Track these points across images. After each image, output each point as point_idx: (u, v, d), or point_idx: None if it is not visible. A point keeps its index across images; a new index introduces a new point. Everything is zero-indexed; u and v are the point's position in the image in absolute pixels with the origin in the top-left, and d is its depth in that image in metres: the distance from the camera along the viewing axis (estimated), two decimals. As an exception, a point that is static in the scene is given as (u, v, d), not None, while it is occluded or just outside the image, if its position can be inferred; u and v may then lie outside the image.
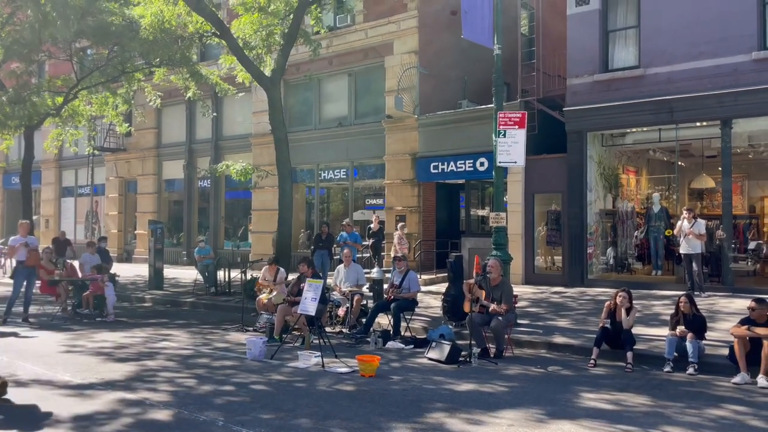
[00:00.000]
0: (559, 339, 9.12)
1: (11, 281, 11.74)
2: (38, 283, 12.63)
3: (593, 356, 7.96)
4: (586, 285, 14.04)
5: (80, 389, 6.58)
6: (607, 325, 8.12)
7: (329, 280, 11.48)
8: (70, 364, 7.83)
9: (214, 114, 21.18)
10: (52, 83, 18.89)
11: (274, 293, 10.90)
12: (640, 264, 15.40)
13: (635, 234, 15.13)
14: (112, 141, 25.18)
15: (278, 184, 14.68)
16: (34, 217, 24.13)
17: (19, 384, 6.70)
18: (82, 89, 18.36)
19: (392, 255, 14.41)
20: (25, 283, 11.55)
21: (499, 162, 10.44)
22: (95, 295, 12.26)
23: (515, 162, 10.48)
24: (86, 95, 18.95)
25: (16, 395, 6.24)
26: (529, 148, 10.96)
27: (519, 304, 10.36)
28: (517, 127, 10.25)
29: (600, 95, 14.00)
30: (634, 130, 14.56)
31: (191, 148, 23.17)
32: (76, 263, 13.94)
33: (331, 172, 19.73)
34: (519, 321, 10.00)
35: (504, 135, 10.28)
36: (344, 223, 16.18)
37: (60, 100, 18.53)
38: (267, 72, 14.86)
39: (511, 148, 10.26)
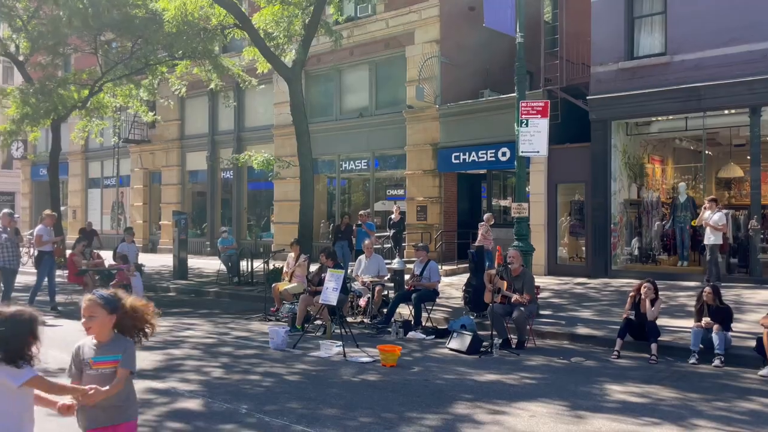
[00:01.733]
0: (582, 330, 9.06)
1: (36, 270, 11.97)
2: (66, 272, 12.88)
3: (617, 347, 7.88)
4: (609, 276, 13.89)
5: (108, 377, 6.71)
6: (631, 317, 8.03)
7: (350, 270, 11.53)
8: (98, 352, 7.99)
9: (234, 104, 21.29)
10: (78, 76, 19.19)
11: (294, 283, 11.00)
12: (666, 255, 15.19)
13: (663, 225, 14.90)
14: (136, 132, 25.51)
15: (300, 176, 14.75)
16: (62, 208, 24.56)
17: (49, 373, 6.85)
18: (106, 82, 18.62)
19: (475, 245, 13.80)
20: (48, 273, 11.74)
21: (522, 152, 10.35)
22: (121, 284, 12.46)
23: (538, 152, 10.38)
24: (111, 87, 19.22)
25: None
26: (551, 138, 10.84)
27: (541, 295, 10.29)
28: (539, 116, 10.13)
29: (625, 83, 13.77)
30: (660, 118, 14.30)
31: (214, 140, 23.38)
32: (103, 253, 14.17)
33: (351, 162, 19.76)
34: (541, 312, 9.94)
35: (526, 124, 10.17)
36: (360, 213, 16.29)
37: (86, 92, 18.82)
38: (288, 63, 14.90)
39: (534, 137, 10.15)
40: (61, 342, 8.60)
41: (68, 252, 14.35)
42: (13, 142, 21.94)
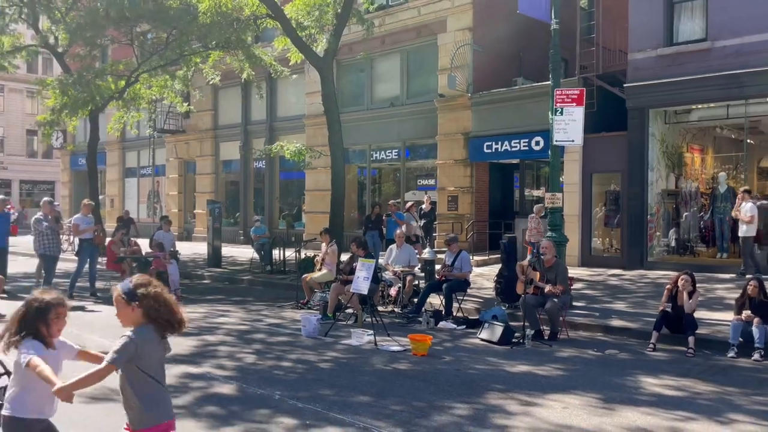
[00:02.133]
0: (616, 322, 8.92)
1: (77, 258, 12.29)
2: (105, 259, 13.22)
3: (652, 340, 7.74)
4: (645, 267, 13.63)
5: (145, 361, 6.88)
6: (668, 309, 7.87)
7: (381, 260, 11.55)
8: (135, 337, 8.18)
9: (264, 94, 21.29)
10: (115, 67, 19.58)
11: (323, 271, 11.07)
12: (704, 246, 14.82)
13: (701, 216, 14.54)
14: (171, 123, 25.94)
15: (331, 165, 14.81)
16: (100, 197, 25.13)
17: (90, 355, 7.07)
18: (142, 72, 18.95)
19: (526, 239, 13.15)
20: (88, 260, 12.05)
21: (556, 141, 10.19)
22: (158, 271, 12.73)
23: (573, 141, 10.21)
24: (147, 78, 19.56)
25: (85, 367, 6.60)
26: (587, 127, 10.64)
27: (575, 287, 10.16)
28: (574, 104, 9.96)
29: (663, 70, 13.41)
30: (699, 106, 13.92)
31: (247, 130, 23.62)
32: (140, 241, 14.47)
33: (382, 152, 19.75)
34: (574, 303, 9.82)
35: (561, 113, 10.01)
36: (390, 203, 16.41)
37: (122, 83, 19.20)
38: (320, 53, 14.93)
39: (569, 126, 9.99)
40: (101, 327, 8.85)
41: (108, 240, 14.69)
42: (53, 132, 22.51)
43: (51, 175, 49.15)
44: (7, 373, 5.28)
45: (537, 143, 15.55)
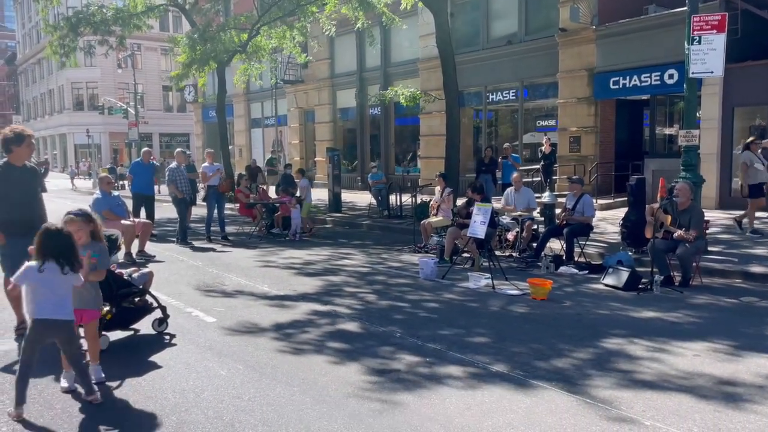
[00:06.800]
0: (756, 268, 8.25)
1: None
2: (237, 205, 14.17)
3: (801, 289, 7.10)
4: (794, 210, 12.34)
5: (278, 300, 7.41)
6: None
7: (498, 204, 11.40)
8: (267, 277, 8.81)
9: (373, 43, 21.19)
10: (237, 21, 20.40)
11: (439, 217, 11.14)
12: None
13: None
14: (291, 73, 26.77)
15: (445, 109, 14.64)
16: (230, 147, 26.73)
17: (228, 294, 7.72)
18: (263, 25, 19.59)
19: None
20: (216, 206, 12.82)
21: (693, 73, 9.33)
22: (284, 216, 13.51)
23: (712, 72, 9.30)
24: (267, 30, 20.21)
25: (226, 303, 7.23)
26: (729, 56, 9.63)
27: (710, 231, 9.46)
28: (715, 31, 9.02)
29: (827, -15, 11.71)
30: None
31: (362, 77, 23.83)
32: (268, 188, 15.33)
33: (499, 93, 19.16)
34: (709, 248, 9.17)
35: (699, 42, 9.11)
36: (505, 146, 16.02)
37: (245, 36, 20.00)
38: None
39: (707, 56, 9.09)
40: (236, 268, 9.60)
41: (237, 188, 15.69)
42: (185, 87, 24.06)
43: (186, 128, 52.92)
44: (161, 307, 5.94)
45: (670, 76, 14.37)
